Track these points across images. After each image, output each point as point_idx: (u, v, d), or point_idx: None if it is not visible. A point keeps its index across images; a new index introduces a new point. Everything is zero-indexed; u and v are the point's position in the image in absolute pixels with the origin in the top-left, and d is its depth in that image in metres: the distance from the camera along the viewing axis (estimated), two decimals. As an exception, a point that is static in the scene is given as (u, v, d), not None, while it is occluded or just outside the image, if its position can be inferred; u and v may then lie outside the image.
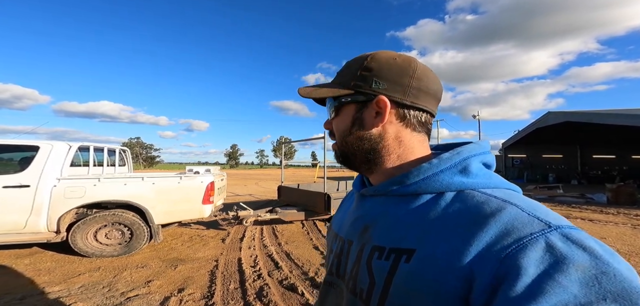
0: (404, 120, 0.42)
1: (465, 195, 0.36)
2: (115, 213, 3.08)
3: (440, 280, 0.31)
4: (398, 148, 0.42)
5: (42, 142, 2.98)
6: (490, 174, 0.39)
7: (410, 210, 0.38)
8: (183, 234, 4.53)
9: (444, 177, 0.38)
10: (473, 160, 0.39)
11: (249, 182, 18.10)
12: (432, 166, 0.39)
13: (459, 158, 0.39)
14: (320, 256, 3.79)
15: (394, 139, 0.42)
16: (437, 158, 0.39)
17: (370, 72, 0.42)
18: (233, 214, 4.75)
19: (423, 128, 0.44)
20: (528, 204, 0.33)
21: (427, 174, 0.38)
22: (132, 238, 3.21)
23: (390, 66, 0.42)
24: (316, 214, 5.30)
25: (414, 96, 0.41)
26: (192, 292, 2.48)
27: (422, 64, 0.43)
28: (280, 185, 6.36)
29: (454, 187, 0.37)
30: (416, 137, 0.43)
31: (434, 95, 0.43)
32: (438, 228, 0.34)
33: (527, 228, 0.29)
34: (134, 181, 3.25)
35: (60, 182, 2.92)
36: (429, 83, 0.42)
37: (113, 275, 2.73)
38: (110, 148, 4.11)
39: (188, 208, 3.55)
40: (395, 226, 0.38)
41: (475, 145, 0.41)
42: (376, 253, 0.38)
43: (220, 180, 4.58)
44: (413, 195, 0.39)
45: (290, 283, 2.83)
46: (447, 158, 0.39)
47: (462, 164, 0.39)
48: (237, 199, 9.85)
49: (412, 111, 0.42)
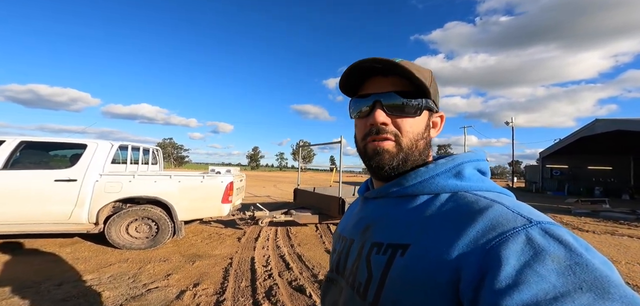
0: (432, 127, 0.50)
1: (459, 196, 0.40)
2: (145, 208, 3.41)
3: (431, 272, 0.33)
4: (429, 151, 0.49)
5: (89, 140, 3.40)
6: (483, 179, 0.44)
7: (408, 210, 0.42)
8: (203, 231, 4.83)
9: (440, 180, 0.42)
10: (467, 165, 0.44)
11: (268, 184, 18.63)
12: (428, 170, 0.43)
13: (454, 164, 0.44)
14: (331, 260, 3.82)
15: (428, 144, 0.49)
16: (433, 163, 0.44)
17: (435, 88, 0.48)
18: (250, 214, 4.96)
19: None
20: (514, 204, 0.37)
21: (424, 177, 0.43)
22: (158, 232, 3.51)
23: (434, 81, 0.48)
24: (330, 217, 5.34)
25: (436, 103, 0.49)
26: (205, 287, 2.66)
27: None
28: (296, 187, 6.50)
29: (448, 188, 0.41)
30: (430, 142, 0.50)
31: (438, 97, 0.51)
32: (431, 225, 0.38)
33: (510, 223, 0.32)
34: (163, 179, 3.56)
35: (102, 177, 3.31)
36: (436, 86, 0.50)
37: (138, 267, 3.02)
38: (145, 147, 4.54)
39: (208, 206, 3.79)
40: (394, 224, 0.42)
41: (470, 153, 0.46)
42: (375, 248, 0.42)
43: (239, 181, 4.81)
44: (411, 196, 0.43)
45: (299, 284, 2.90)
46: (442, 163, 0.44)
47: (456, 169, 0.43)
48: (254, 200, 10.20)
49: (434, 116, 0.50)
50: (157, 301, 2.37)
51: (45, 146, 3.44)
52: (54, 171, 3.19)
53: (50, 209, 3.09)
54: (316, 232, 5.39)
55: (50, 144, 3.44)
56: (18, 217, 3.02)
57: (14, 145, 3.14)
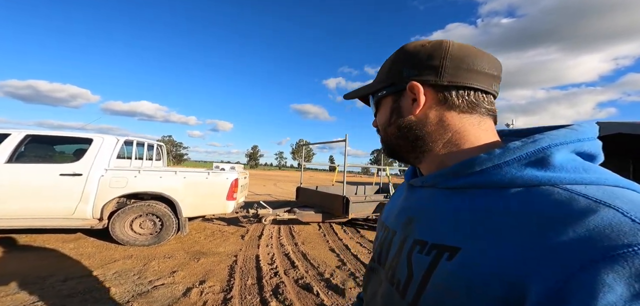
0: (446, 103, 0.38)
1: (539, 191, 0.29)
2: (149, 204, 3.38)
3: (483, 285, 0.26)
4: (445, 133, 0.39)
5: (95, 135, 3.37)
6: (587, 167, 0.30)
7: (460, 205, 0.34)
8: (206, 228, 4.80)
9: (509, 170, 0.31)
10: (558, 149, 0.31)
11: (268, 183, 18.61)
12: (492, 157, 0.32)
13: (534, 147, 0.31)
14: (336, 259, 3.81)
15: (438, 124, 0.39)
16: (501, 148, 0.33)
17: (401, 62, 0.41)
18: (253, 212, 4.94)
19: (477, 109, 0.38)
20: (638, 208, 0.24)
21: (486, 166, 0.33)
22: (162, 229, 3.49)
23: (418, 52, 0.40)
24: (334, 217, 5.33)
25: (451, 75, 0.37)
26: (212, 285, 2.64)
27: (459, 43, 0.39)
28: (299, 186, 6.49)
29: (522, 181, 0.30)
30: (468, 120, 0.38)
31: (483, 72, 0.38)
32: (492, 228, 0.29)
33: (624, 238, 0.22)
34: (168, 174, 3.54)
35: (107, 172, 3.28)
36: (472, 59, 0.38)
37: (143, 263, 2.99)
38: (150, 143, 4.51)
39: (213, 203, 3.77)
40: (440, 221, 0.35)
41: (566, 130, 0.32)
42: (417, 246, 0.36)
43: (244, 179, 4.79)
44: (465, 188, 0.34)
45: (305, 282, 2.89)
46: (516, 147, 0.32)
47: (539, 154, 0.31)
48: (257, 198, 10.18)
49: (454, 91, 0.38)
50: (164, 298, 2.34)
51: (51, 140, 3.41)
52: (59, 165, 3.16)
53: (54, 204, 3.06)
54: (319, 231, 5.38)
55: (56, 138, 3.40)
56: (22, 211, 2.99)
57: (20, 139, 3.11)
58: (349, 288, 2.84)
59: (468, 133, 0.38)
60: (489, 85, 0.39)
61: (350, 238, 5.03)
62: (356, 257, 3.84)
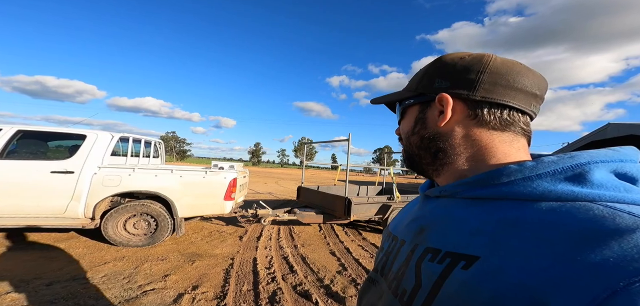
0: (475, 118, 0.36)
1: (576, 206, 0.26)
2: (144, 204, 3.26)
3: (502, 297, 0.24)
4: (470, 148, 0.37)
5: (88, 131, 3.25)
6: (629, 187, 0.28)
7: (481, 214, 0.32)
8: (203, 228, 4.69)
9: (541, 183, 0.29)
10: (598, 166, 0.29)
11: (270, 181, 18.48)
12: (523, 168, 0.30)
13: (572, 163, 0.29)
14: (337, 263, 3.67)
15: (464, 138, 0.37)
16: (534, 161, 0.31)
17: (434, 72, 0.40)
18: (252, 212, 4.81)
19: (510, 127, 0.36)
20: None
21: (515, 177, 0.30)
22: (157, 229, 3.36)
23: (455, 64, 0.38)
24: (335, 218, 5.18)
25: (485, 91, 0.35)
26: (205, 291, 2.51)
27: (504, 59, 0.37)
28: (300, 185, 6.35)
29: (556, 195, 0.28)
30: (497, 137, 0.36)
31: (523, 90, 0.36)
32: (518, 237, 0.27)
33: None
34: (164, 173, 3.41)
35: (101, 170, 3.16)
36: (515, 76, 0.35)
37: (134, 265, 2.87)
38: (147, 140, 4.38)
39: (210, 203, 3.64)
40: (458, 229, 0.33)
41: (607, 150, 0.30)
42: (429, 254, 0.33)
43: (243, 177, 4.66)
44: (489, 199, 0.32)
45: (304, 289, 2.75)
46: (550, 161, 0.30)
47: (576, 170, 0.29)
48: (257, 197, 10.07)
49: (486, 108, 0.36)
50: (153, 305, 2.22)
51: (43, 136, 3.30)
52: (50, 162, 3.05)
53: (45, 202, 2.95)
54: (320, 232, 5.24)
55: (48, 134, 3.29)
56: (11, 209, 2.89)
57: (11, 134, 3.01)
58: (350, 296, 2.69)
59: (496, 150, 0.36)
60: (527, 105, 0.36)
61: (352, 240, 4.87)
62: (358, 261, 3.69)
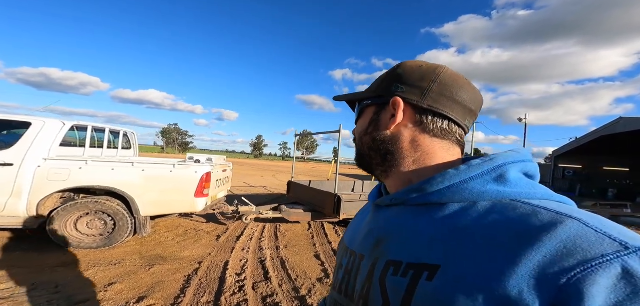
0: (421, 125, 0.39)
1: (505, 205, 0.30)
2: (97, 201, 2.88)
3: (470, 303, 0.26)
4: (414, 152, 0.39)
5: (35, 118, 2.86)
6: (533, 184, 0.34)
7: (433, 221, 0.33)
8: (179, 226, 4.32)
9: (475, 185, 0.32)
10: (511, 167, 0.34)
11: (267, 174, 18.12)
12: (459, 172, 0.34)
13: (493, 165, 0.34)
14: (320, 267, 3.29)
15: (410, 143, 0.40)
16: (465, 165, 0.34)
17: (395, 77, 0.41)
18: (233, 209, 4.43)
19: (448, 136, 0.39)
20: (593, 219, 0.27)
21: (454, 181, 0.33)
22: (115, 229, 2.99)
23: (413, 71, 0.41)
24: (324, 216, 4.79)
25: (432, 100, 0.38)
26: (152, 303, 2.13)
27: (453, 72, 0.40)
28: (291, 180, 5.95)
29: (488, 196, 0.32)
30: (438, 143, 0.39)
31: (462, 104, 0.39)
32: (470, 243, 0.29)
33: (595, 249, 0.24)
34: (123, 166, 3.02)
35: (46, 162, 2.77)
36: (458, 90, 0.39)
37: (77, 272, 2.49)
38: (114, 129, 3.98)
39: (178, 200, 3.25)
40: (414, 239, 0.34)
41: (512, 152, 0.36)
42: (391, 268, 0.34)
43: (222, 171, 4.25)
44: (436, 204, 0.34)
45: (274, 302, 2.37)
46: (477, 164, 0.34)
47: (497, 171, 0.33)
48: (251, 191, 9.71)
49: (430, 116, 0.39)
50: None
51: None
52: (-13, 153, 2.66)
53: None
54: (308, 231, 4.85)
55: None
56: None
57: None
58: (327, 312, 2.30)
59: (436, 155, 0.39)
60: (462, 118, 0.40)
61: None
62: (343, 267, 3.30)
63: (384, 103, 0.41)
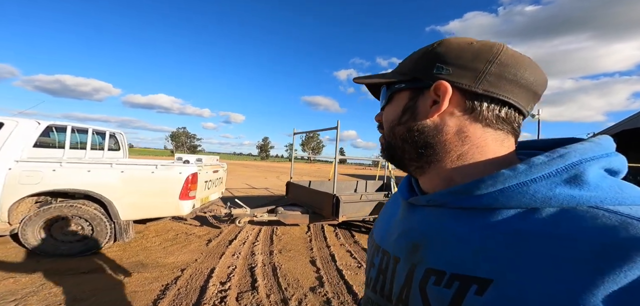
0: (472, 113, 0.32)
1: (580, 214, 0.25)
2: (72, 205, 2.69)
3: None
4: (461, 145, 0.33)
5: (7, 118, 2.70)
6: (622, 185, 0.27)
7: (483, 228, 0.28)
8: (170, 230, 4.12)
9: (539, 188, 0.27)
10: (589, 164, 0.27)
11: (270, 175, 17.96)
12: (516, 173, 0.28)
13: (565, 163, 0.27)
14: (314, 274, 3.01)
15: (456, 134, 0.33)
16: (524, 163, 0.28)
17: (436, 56, 0.34)
18: (226, 212, 4.20)
19: (504, 125, 0.33)
20: None
21: (509, 183, 0.28)
22: (93, 234, 2.79)
23: (462, 50, 0.33)
24: (323, 218, 4.49)
25: (490, 83, 0.31)
26: (116, 321, 1.89)
27: (513, 51, 0.33)
28: (289, 181, 5.69)
29: (557, 202, 0.26)
30: (491, 135, 0.33)
31: (526, 87, 0.32)
32: (533, 257, 0.24)
33: None
34: (100, 168, 2.82)
35: (18, 164, 2.60)
36: (521, 71, 0.32)
37: (41, 282, 2.29)
38: (98, 129, 3.82)
39: (162, 203, 3.03)
40: (457, 246, 0.29)
41: (590, 144, 0.28)
42: (432, 277, 0.30)
43: (213, 172, 4.03)
44: (485, 209, 0.29)
45: (258, 316, 2.10)
46: (542, 162, 0.27)
47: (570, 171, 0.27)
48: (252, 192, 9.52)
49: (486, 102, 0.32)
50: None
51: None
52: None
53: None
54: (306, 234, 4.57)
55: None
56: None
57: None
58: (315, 329, 2.02)
59: (488, 149, 0.33)
60: (525, 104, 0.33)
61: (341, 244, 4.18)
62: (340, 273, 3.00)
63: (422, 87, 0.35)
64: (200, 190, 3.49)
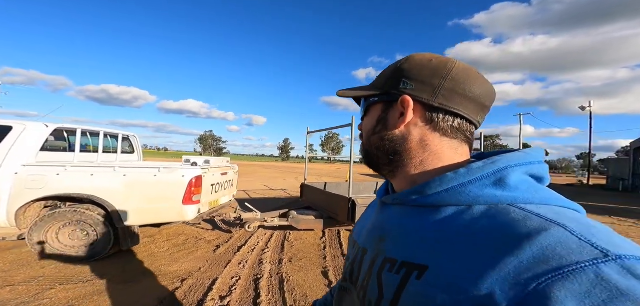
0: (431, 123, 0.38)
1: (498, 210, 0.30)
2: (76, 210, 2.63)
3: (451, 304, 0.27)
4: (422, 153, 0.38)
5: (16, 122, 2.73)
6: (537, 187, 0.32)
7: (429, 223, 0.34)
8: (182, 234, 4.04)
9: (472, 189, 0.32)
10: (513, 170, 0.33)
11: (289, 176, 17.88)
12: (458, 176, 0.34)
13: (493, 168, 0.33)
14: (326, 288, 2.68)
15: (418, 143, 0.39)
16: (465, 168, 0.34)
17: (402, 73, 0.40)
18: (235, 216, 4.02)
19: (458, 135, 0.39)
20: (583, 227, 0.26)
21: (452, 185, 0.34)
22: (97, 240, 2.72)
23: (422, 67, 0.39)
24: (338, 223, 4.13)
25: (444, 97, 0.37)
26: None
27: (465, 67, 0.38)
28: (304, 182, 5.40)
29: (484, 200, 0.32)
30: (447, 143, 0.38)
31: (475, 100, 0.38)
32: (457, 246, 0.30)
33: (572, 256, 0.24)
34: (103, 172, 2.75)
35: (24, 168, 2.60)
36: (470, 86, 0.37)
37: (36, 291, 2.21)
38: (110, 132, 3.83)
39: (165, 208, 2.90)
40: (409, 238, 0.35)
41: (519, 153, 0.35)
42: (387, 264, 0.35)
43: (221, 175, 3.87)
44: (433, 206, 0.35)
45: (255, 341, 1.81)
46: (477, 167, 0.34)
47: (498, 175, 0.32)
48: (269, 194, 9.41)
49: (441, 114, 0.38)
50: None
51: None
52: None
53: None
54: (320, 241, 4.25)
55: None
56: None
57: None
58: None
59: (444, 156, 0.38)
60: (475, 115, 0.39)
61: (358, 253, 3.79)
62: (355, 290, 2.62)
63: (391, 100, 0.40)
64: (207, 194, 3.33)
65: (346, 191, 5.02)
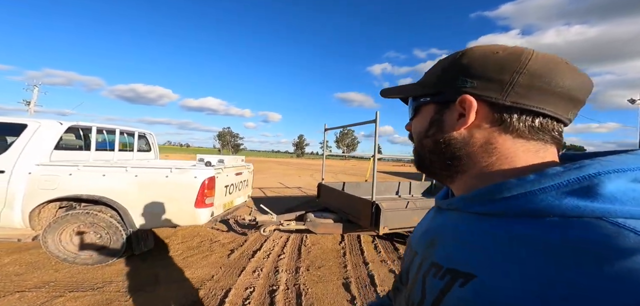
0: (501, 124, 0.32)
1: (580, 223, 0.24)
2: (89, 212, 2.53)
3: None
4: (488, 157, 0.33)
5: (30, 119, 2.67)
6: None
7: (483, 231, 0.30)
8: (197, 235, 3.92)
9: (546, 198, 0.27)
10: (610, 177, 0.25)
11: (305, 173, 17.71)
12: (525, 182, 0.28)
13: (579, 174, 0.26)
14: (348, 303, 2.41)
15: (483, 146, 0.33)
16: (537, 173, 0.28)
17: (459, 69, 0.34)
18: (249, 219, 3.83)
19: (538, 135, 0.32)
20: None
21: (516, 192, 0.28)
22: (110, 243, 2.62)
23: (486, 61, 0.32)
24: (360, 228, 3.82)
25: (518, 95, 0.31)
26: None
27: (547, 56, 0.31)
28: (321, 182, 5.13)
29: (561, 211, 0.25)
30: (522, 145, 0.32)
31: (562, 95, 0.31)
32: (513, 257, 0.26)
33: None
34: (115, 172, 2.64)
35: (38, 168, 2.54)
36: (554, 77, 0.30)
37: (45, 299, 2.10)
38: (127, 130, 3.77)
39: (177, 211, 2.74)
40: (458, 245, 0.32)
41: (626, 156, 0.27)
42: (433, 269, 0.33)
43: (236, 175, 3.69)
44: (493, 215, 0.30)
45: None
46: (555, 173, 0.27)
47: (585, 182, 0.26)
48: (284, 191, 9.26)
49: (516, 114, 0.32)
50: None
51: None
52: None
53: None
54: (340, 245, 3.98)
55: None
56: None
57: None
58: None
59: (518, 159, 0.32)
60: (564, 112, 0.32)
61: (382, 260, 3.47)
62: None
63: (447, 100, 0.35)
64: (220, 195, 3.15)
65: (367, 192, 4.68)
